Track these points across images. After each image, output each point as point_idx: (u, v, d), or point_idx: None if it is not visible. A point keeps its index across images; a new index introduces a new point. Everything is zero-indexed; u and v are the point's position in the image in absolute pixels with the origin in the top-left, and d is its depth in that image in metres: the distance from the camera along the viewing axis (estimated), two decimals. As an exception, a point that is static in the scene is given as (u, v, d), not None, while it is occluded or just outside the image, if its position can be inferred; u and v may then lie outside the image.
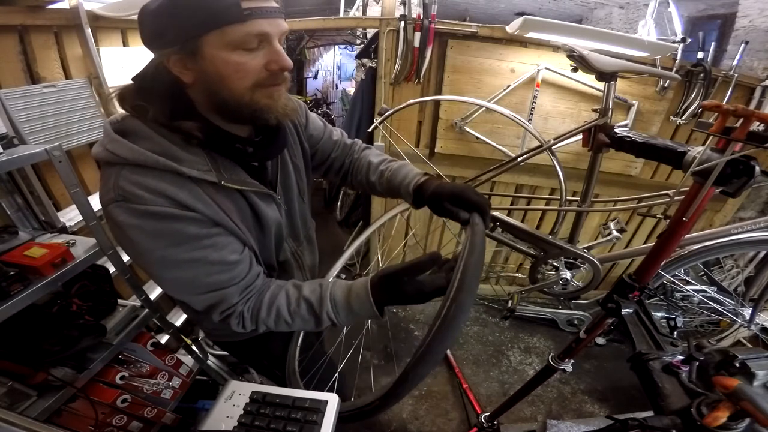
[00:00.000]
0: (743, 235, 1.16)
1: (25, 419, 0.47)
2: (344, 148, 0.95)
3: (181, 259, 0.59)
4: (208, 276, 0.62)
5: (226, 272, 0.63)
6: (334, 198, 3.43)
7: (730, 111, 0.65)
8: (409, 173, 0.83)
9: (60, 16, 1.23)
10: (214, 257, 0.61)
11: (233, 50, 0.55)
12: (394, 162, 0.90)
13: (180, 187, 0.57)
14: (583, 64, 1.08)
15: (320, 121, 0.92)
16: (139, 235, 0.56)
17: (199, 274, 0.61)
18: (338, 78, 6.65)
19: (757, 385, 0.60)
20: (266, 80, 0.59)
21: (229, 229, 0.63)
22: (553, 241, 1.26)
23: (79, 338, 0.99)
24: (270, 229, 0.72)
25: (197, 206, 0.58)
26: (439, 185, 0.75)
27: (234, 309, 0.66)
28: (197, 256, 0.60)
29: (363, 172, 0.92)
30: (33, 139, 1.13)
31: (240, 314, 0.66)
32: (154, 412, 1.15)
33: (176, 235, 0.57)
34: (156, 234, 0.56)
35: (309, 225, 0.93)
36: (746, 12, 2.30)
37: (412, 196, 0.79)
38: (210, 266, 0.61)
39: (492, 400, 1.81)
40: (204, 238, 0.60)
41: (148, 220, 0.55)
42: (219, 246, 0.62)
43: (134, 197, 0.55)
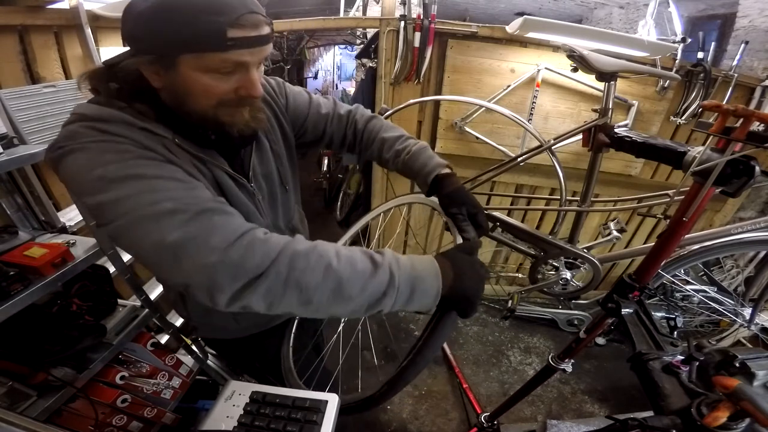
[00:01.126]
0: (743, 235, 1.16)
1: (25, 419, 0.47)
2: (339, 120, 0.88)
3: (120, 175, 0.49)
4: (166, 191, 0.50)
5: (182, 189, 0.52)
6: (334, 198, 3.42)
7: (730, 111, 0.65)
8: (430, 161, 0.79)
9: (60, 16, 1.23)
10: (161, 173, 0.52)
11: (206, 72, 0.54)
12: (411, 140, 0.85)
13: (131, 131, 0.54)
14: (583, 64, 1.08)
15: (305, 93, 0.86)
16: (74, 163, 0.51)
17: (143, 188, 0.49)
18: (338, 78, 6.66)
19: (757, 385, 0.60)
20: (232, 101, 0.59)
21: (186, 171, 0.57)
22: (553, 241, 1.26)
23: (79, 338, 0.99)
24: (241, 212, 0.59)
25: (146, 143, 0.54)
26: (459, 188, 0.75)
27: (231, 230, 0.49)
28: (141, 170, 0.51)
29: (374, 147, 0.86)
30: (33, 139, 1.13)
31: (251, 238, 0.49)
32: (154, 412, 1.15)
33: (118, 153, 0.51)
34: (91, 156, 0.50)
35: (293, 215, 0.88)
36: (746, 12, 2.30)
37: (428, 185, 0.78)
38: (158, 180, 0.51)
39: (492, 400, 1.81)
40: (150, 159, 0.53)
41: (84, 151, 0.51)
42: (168, 168, 0.54)
43: (79, 135, 0.52)
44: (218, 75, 0.55)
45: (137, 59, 0.54)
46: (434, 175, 0.77)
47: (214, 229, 0.49)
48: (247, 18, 0.52)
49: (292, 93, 0.84)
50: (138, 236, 0.49)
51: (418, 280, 0.52)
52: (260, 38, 0.55)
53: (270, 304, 0.49)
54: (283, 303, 0.49)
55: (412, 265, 0.53)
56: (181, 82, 0.55)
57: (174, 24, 0.50)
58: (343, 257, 0.51)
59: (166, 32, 0.50)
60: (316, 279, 0.49)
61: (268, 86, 0.80)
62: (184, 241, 0.47)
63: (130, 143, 0.53)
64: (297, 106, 0.83)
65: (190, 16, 0.49)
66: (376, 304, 0.51)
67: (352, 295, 0.50)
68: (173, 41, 0.51)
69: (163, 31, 0.50)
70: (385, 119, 0.91)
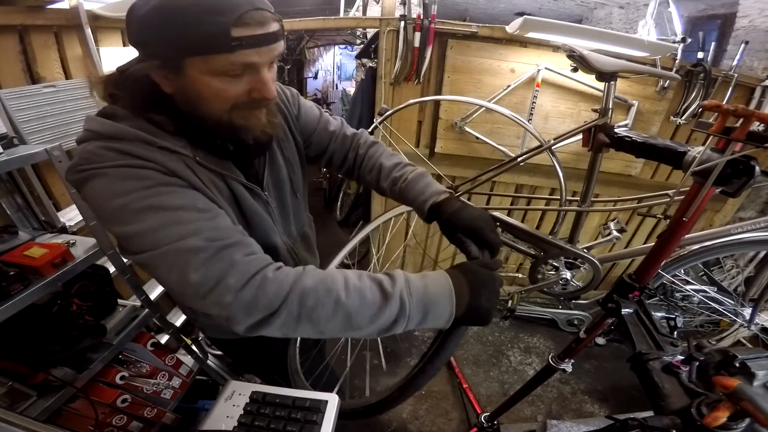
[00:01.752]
0: (743, 235, 1.16)
1: (25, 419, 0.47)
2: (344, 140, 0.89)
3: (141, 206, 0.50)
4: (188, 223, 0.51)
5: (204, 220, 0.52)
6: (334, 198, 3.42)
7: (730, 111, 0.65)
8: (426, 189, 0.78)
9: (60, 16, 1.23)
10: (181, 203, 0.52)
11: (215, 76, 0.53)
12: (409, 167, 0.84)
13: (150, 152, 0.54)
14: (583, 64, 1.08)
15: (316, 109, 0.87)
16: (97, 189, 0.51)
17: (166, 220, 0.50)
18: (338, 78, 6.65)
19: (757, 385, 0.60)
20: (246, 104, 0.57)
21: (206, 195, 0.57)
22: (553, 241, 1.26)
23: (79, 338, 0.99)
24: (256, 223, 0.69)
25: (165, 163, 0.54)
26: (456, 211, 0.70)
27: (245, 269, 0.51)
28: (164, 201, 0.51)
29: (373, 174, 0.86)
30: (33, 139, 1.13)
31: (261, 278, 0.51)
32: (154, 412, 1.15)
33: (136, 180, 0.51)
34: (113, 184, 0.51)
35: (304, 221, 0.90)
36: (746, 12, 2.30)
37: (426, 214, 0.76)
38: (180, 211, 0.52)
39: (492, 400, 1.81)
40: (171, 185, 0.53)
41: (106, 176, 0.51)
42: (189, 196, 0.54)
43: (98, 157, 0.51)
44: (228, 78, 0.53)
45: (145, 65, 0.53)
46: (429, 204, 0.75)
47: (232, 268, 0.50)
48: (251, 15, 0.49)
49: (305, 106, 0.84)
50: (163, 270, 0.52)
51: (431, 305, 0.53)
52: (268, 36, 0.52)
53: (286, 334, 0.53)
54: (299, 332, 0.53)
55: (425, 289, 0.54)
56: (191, 86, 0.54)
57: (176, 26, 0.48)
58: (352, 289, 0.52)
59: (168, 36, 0.49)
60: (326, 313, 0.51)
61: (282, 94, 0.80)
62: (205, 280, 0.50)
63: (150, 166, 0.53)
64: (307, 119, 0.84)
65: (192, 17, 0.48)
66: (387, 330, 0.54)
67: (362, 325, 0.52)
68: (177, 44, 0.50)
69: (166, 34, 0.49)
70: (386, 147, 0.91)
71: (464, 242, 0.67)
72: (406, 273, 0.56)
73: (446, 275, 0.56)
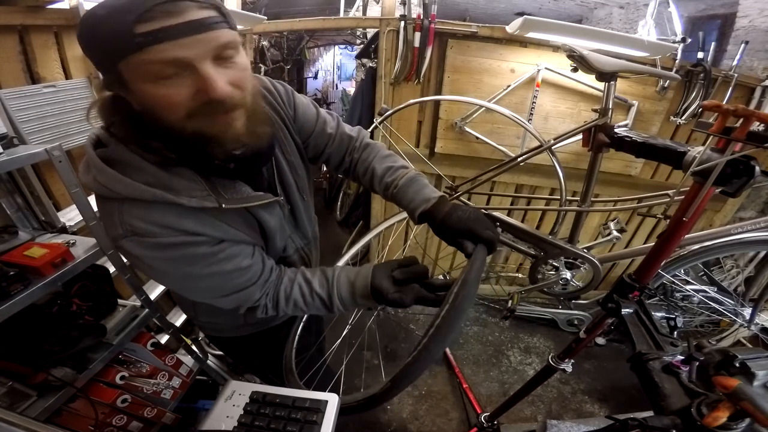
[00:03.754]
0: (743, 235, 1.16)
1: (25, 419, 0.47)
2: (341, 142, 0.86)
3: (199, 274, 0.63)
4: (229, 281, 0.66)
5: (243, 275, 0.67)
6: (334, 198, 3.42)
7: (730, 111, 0.65)
8: (416, 196, 0.76)
9: (60, 16, 1.23)
10: (229, 267, 0.64)
11: (148, 81, 0.48)
12: (401, 171, 0.82)
13: (185, 217, 0.58)
14: (583, 64, 1.08)
15: (312, 108, 0.83)
16: (156, 262, 0.59)
17: (219, 282, 0.65)
18: (338, 78, 6.65)
19: (757, 385, 0.60)
20: (201, 109, 0.50)
21: (239, 240, 0.66)
22: (553, 241, 1.25)
23: (79, 338, 0.99)
24: (273, 235, 0.73)
25: (205, 231, 0.60)
26: (447, 214, 0.69)
27: (258, 303, 0.72)
28: (214, 270, 0.63)
29: (367, 177, 0.86)
30: (33, 139, 1.13)
31: (264, 306, 0.72)
32: (154, 412, 1.15)
33: (190, 258, 0.60)
34: (171, 259, 0.59)
35: (314, 222, 0.92)
36: (746, 12, 2.30)
37: (417, 220, 0.76)
38: (227, 275, 0.65)
39: (492, 400, 1.81)
40: (217, 254, 0.63)
41: (161, 250, 0.57)
42: (231, 256, 0.65)
43: (144, 231, 0.56)
44: (161, 80, 0.48)
45: (101, 81, 0.52)
46: (419, 212, 0.74)
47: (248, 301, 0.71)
48: (159, 8, 0.44)
49: (301, 105, 0.80)
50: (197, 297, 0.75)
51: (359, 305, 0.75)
52: (188, 25, 0.46)
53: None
54: None
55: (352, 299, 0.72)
56: (138, 98, 0.51)
57: (92, 34, 0.47)
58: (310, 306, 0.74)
59: (91, 45, 0.48)
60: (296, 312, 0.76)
61: (275, 92, 0.75)
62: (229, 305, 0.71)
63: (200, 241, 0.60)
64: (305, 121, 0.81)
65: (102, 21, 0.46)
66: None
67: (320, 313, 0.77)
68: (100, 53, 0.48)
69: (90, 45, 0.48)
70: (381, 146, 0.89)
71: (461, 243, 0.68)
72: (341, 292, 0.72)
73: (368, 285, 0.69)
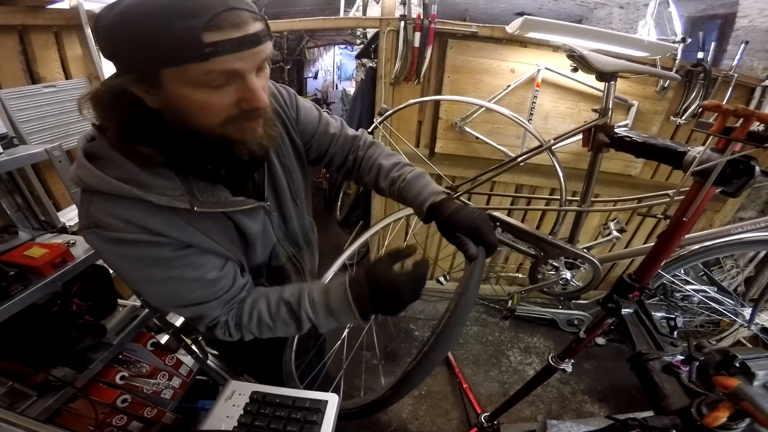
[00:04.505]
0: (743, 235, 1.16)
1: (25, 419, 0.47)
2: (344, 142, 0.86)
3: (159, 278, 0.59)
4: (189, 291, 0.61)
5: (207, 288, 0.63)
6: (334, 198, 3.42)
7: (730, 111, 0.65)
8: (424, 189, 0.76)
9: (60, 16, 1.23)
10: (193, 275, 0.60)
11: (195, 87, 0.48)
12: (407, 167, 0.82)
13: (152, 215, 0.54)
14: (583, 64, 1.08)
15: (315, 110, 0.83)
16: (115, 258, 0.57)
17: (179, 290, 0.61)
18: (338, 78, 6.66)
19: (757, 385, 0.60)
20: (239, 117, 0.52)
21: (208, 249, 0.62)
22: (553, 241, 1.26)
23: (79, 338, 0.99)
24: (255, 242, 0.69)
25: (171, 233, 0.57)
26: (454, 212, 0.70)
27: (217, 320, 0.66)
28: (175, 275, 0.59)
29: (372, 174, 0.84)
30: (33, 139, 1.13)
31: (225, 324, 0.66)
32: (154, 412, 1.15)
33: (151, 259, 0.57)
34: (131, 258, 0.57)
35: (308, 228, 0.89)
36: (746, 12, 2.29)
37: (424, 214, 0.75)
38: (189, 283, 0.61)
39: (492, 400, 1.81)
40: (181, 259, 0.59)
41: (122, 246, 0.55)
42: (196, 265, 0.61)
43: (106, 225, 0.54)
44: (210, 89, 0.48)
45: (121, 80, 0.49)
46: (428, 204, 0.74)
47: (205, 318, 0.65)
48: (226, 17, 0.44)
49: (304, 107, 0.80)
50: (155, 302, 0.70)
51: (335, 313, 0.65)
52: (248, 38, 0.46)
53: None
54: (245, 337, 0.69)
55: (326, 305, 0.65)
56: (173, 101, 0.49)
57: (142, 35, 0.44)
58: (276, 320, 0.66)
59: (136, 46, 0.45)
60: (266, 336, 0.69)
61: (279, 96, 0.75)
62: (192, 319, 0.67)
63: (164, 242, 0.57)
64: (307, 123, 0.80)
65: (158, 24, 0.43)
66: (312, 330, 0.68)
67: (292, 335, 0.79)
68: (146, 55, 0.45)
69: (134, 45, 0.45)
70: (385, 146, 0.89)
71: (462, 241, 0.67)
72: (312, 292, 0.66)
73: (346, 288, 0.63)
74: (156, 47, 0.44)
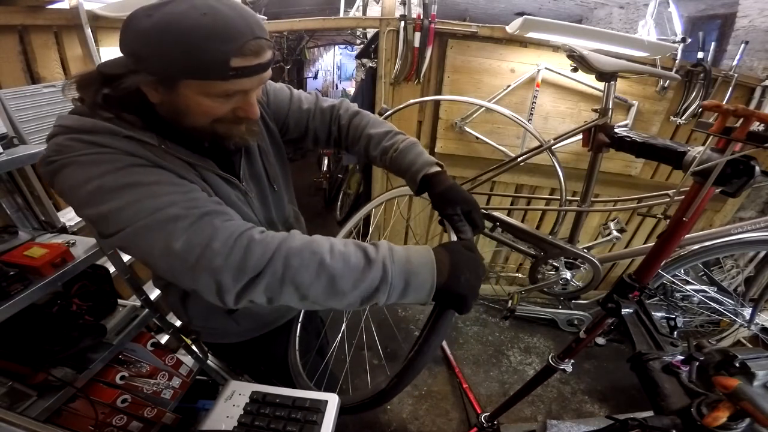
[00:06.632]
0: (743, 235, 1.16)
1: (25, 419, 0.47)
2: (323, 114, 0.85)
3: (118, 184, 0.51)
4: (157, 197, 0.51)
5: (179, 193, 0.53)
6: (334, 198, 3.43)
7: (730, 111, 0.65)
8: (418, 158, 0.76)
9: (60, 16, 1.23)
10: (157, 179, 0.53)
11: (207, 96, 0.55)
12: (400, 136, 0.81)
13: (119, 140, 0.54)
14: (583, 64, 1.08)
15: (285, 89, 0.84)
16: (69, 176, 0.51)
17: (142, 195, 0.51)
18: (338, 78, 6.66)
19: (757, 385, 0.60)
20: (229, 118, 0.60)
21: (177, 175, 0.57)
22: (553, 241, 1.26)
23: (79, 338, 0.99)
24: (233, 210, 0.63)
25: (138, 152, 0.54)
26: (451, 187, 0.71)
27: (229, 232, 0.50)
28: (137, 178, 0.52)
29: (361, 143, 0.83)
30: (33, 139, 1.13)
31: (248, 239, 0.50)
32: (154, 412, 1.15)
33: (111, 163, 0.52)
34: (86, 169, 0.51)
35: (288, 214, 0.87)
36: (746, 12, 2.29)
37: (417, 184, 0.75)
38: (153, 186, 0.52)
39: (492, 400, 1.81)
40: (143, 165, 0.54)
41: (77, 164, 0.51)
42: (161, 173, 0.55)
43: (67, 148, 0.52)
44: (219, 98, 0.56)
45: (138, 78, 0.52)
46: (422, 174, 0.74)
47: (215, 232, 0.50)
48: (251, 45, 0.51)
49: (273, 89, 0.82)
50: (145, 245, 0.51)
51: (412, 274, 0.52)
52: (261, 66, 0.55)
53: (270, 299, 0.52)
54: (283, 298, 0.51)
55: (407, 259, 0.53)
56: (181, 102, 0.55)
57: (177, 49, 0.49)
58: (337, 253, 0.52)
59: (169, 56, 0.49)
60: (310, 276, 0.50)
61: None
62: (190, 247, 0.49)
63: (119, 153, 0.53)
64: (278, 102, 0.81)
65: (194, 43, 0.48)
66: (369, 298, 0.52)
67: (345, 290, 0.51)
68: (176, 66, 0.50)
69: (166, 54, 0.49)
70: (372, 114, 0.87)
71: (457, 218, 0.68)
72: (391, 243, 0.56)
73: (429, 249, 0.56)
74: (188, 62, 0.50)
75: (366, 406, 0.68)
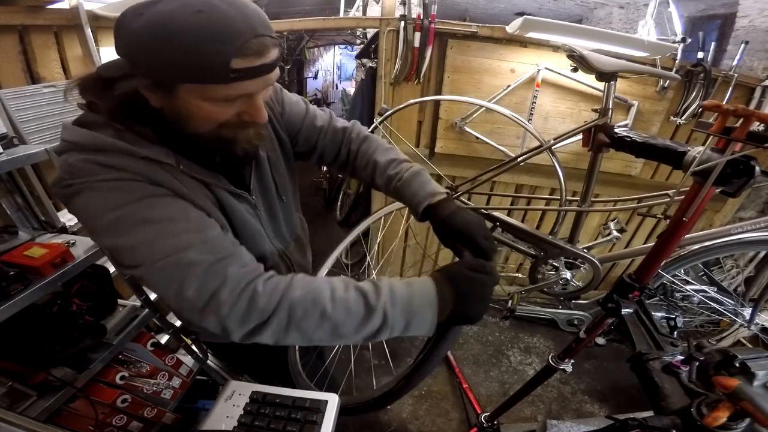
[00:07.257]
0: (743, 235, 1.16)
1: (25, 419, 0.47)
2: (334, 134, 0.84)
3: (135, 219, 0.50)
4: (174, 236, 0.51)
5: (195, 232, 0.53)
6: (334, 198, 3.42)
7: (730, 111, 0.65)
8: (421, 189, 0.75)
9: (60, 16, 1.23)
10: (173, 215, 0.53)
11: (208, 101, 0.51)
12: (405, 164, 0.80)
13: (134, 162, 0.52)
14: (583, 64, 1.08)
15: (302, 103, 0.82)
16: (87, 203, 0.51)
17: (159, 233, 0.51)
18: (338, 78, 6.67)
19: (757, 385, 0.60)
20: (235, 123, 0.56)
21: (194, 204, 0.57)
22: (553, 241, 1.26)
23: (79, 338, 0.99)
24: (245, 229, 0.67)
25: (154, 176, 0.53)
26: (450, 215, 0.69)
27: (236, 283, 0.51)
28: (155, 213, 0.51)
29: (368, 171, 0.83)
30: (33, 139, 1.13)
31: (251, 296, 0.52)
32: (154, 412, 1.15)
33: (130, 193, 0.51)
34: (104, 198, 0.50)
35: (296, 224, 0.87)
36: (746, 12, 2.29)
37: (420, 215, 0.74)
38: (171, 224, 0.52)
39: (492, 400, 1.81)
40: (160, 196, 0.53)
41: (95, 191, 0.50)
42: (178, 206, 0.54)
43: (82, 171, 0.50)
44: (221, 102, 0.52)
45: (135, 82, 0.49)
46: (424, 205, 0.73)
47: (224, 282, 0.51)
48: (252, 45, 0.47)
49: (289, 101, 0.80)
50: (159, 284, 0.53)
51: (414, 316, 0.54)
52: (266, 66, 0.50)
53: (277, 341, 0.54)
54: (289, 341, 0.54)
55: (409, 300, 0.55)
56: (182, 107, 0.52)
57: (172, 51, 0.45)
58: (338, 301, 0.53)
59: (165, 59, 0.46)
60: (314, 325, 0.53)
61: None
62: (200, 294, 0.51)
63: (137, 179, 0.52)
64: (293, 116, 0.80)
65: (191, 44, 0.44)
66: (373, 338, 0.55)
67: (347, 335, 0.54)
68: (173, 69, 0.47)
69: (162, 57, 0.45)
70: (380, 139, 0.88)
71: (458, 247, 0.66)
72: (393, 283, 0.56)
73: (432, 285, 0.56)
74: (184, 64, 0.46)
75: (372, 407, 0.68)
